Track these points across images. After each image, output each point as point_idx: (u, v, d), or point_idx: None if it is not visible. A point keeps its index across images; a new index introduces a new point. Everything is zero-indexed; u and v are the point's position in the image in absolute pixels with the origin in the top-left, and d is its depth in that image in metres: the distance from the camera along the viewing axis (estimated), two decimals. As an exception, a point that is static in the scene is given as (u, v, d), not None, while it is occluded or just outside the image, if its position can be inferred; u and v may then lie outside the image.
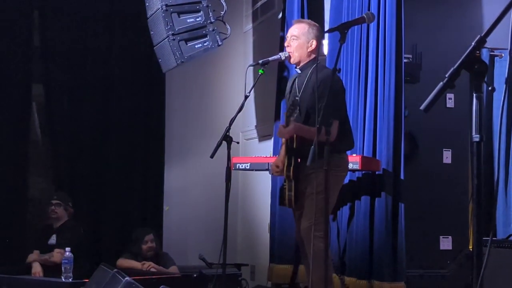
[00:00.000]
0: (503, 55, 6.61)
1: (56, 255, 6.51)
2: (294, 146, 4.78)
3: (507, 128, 6.48)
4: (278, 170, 4.94)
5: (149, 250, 6.68)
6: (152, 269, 6.50)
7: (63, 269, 5.91)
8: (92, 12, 7.77)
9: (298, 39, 4.87)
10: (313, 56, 4.85)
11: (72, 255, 5.91)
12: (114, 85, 7.89)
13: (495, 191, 6.25)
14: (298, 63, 4.94)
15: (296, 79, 4.95)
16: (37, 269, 6.54)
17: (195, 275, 6.30)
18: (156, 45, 6.52)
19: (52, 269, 6.45)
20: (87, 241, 6.92)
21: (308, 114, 4.76)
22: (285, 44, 5.00)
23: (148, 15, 6.59)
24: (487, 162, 6.35)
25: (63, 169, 7.72)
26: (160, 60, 6.54)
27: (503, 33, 2.65)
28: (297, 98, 4.81)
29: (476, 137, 2.32)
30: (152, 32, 6.56)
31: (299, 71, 4.92)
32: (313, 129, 4.40)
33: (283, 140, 4.97)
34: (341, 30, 4.23)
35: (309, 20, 5.11)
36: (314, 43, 4.84)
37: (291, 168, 4.78)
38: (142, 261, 6.60)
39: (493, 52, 6.58)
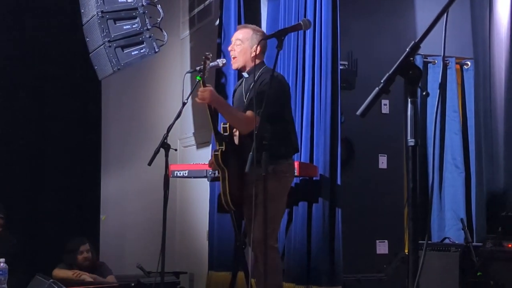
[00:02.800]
0: (436, 61, 6.77)
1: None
2: (227, 133, 4.75)
3: (441, 132, 6.63)
4: (212, 162, 4.87)
5: (84, 261, 6.55)
6: (88, 278, 6.38)
7: (-4, 281, 5.78)
8: (25, 19, 7.60)
9: (242, 44, 4.83)
10: (257, 61, 4.78)
11: (7, 266, 5.77)
12: (49, 93, 7.74)
13: (429, 195, 6.37)
14: (243, 68, 4.89)
15: (243, 83, 4.93)
16: (-31, 281, 6.37)
17: (133, 284, 6.24)
18: (92, 52, 6.44)
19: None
20: (21, 251, 6.76)
21: None
22: (229, 48, 4.95)
23: (83, 22, 6.50)
24: (422, 166, 6.47)
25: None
26: (96, 67, 6.46)
27: (436, 40, 2.70)
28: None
29: (411, 142, 2.35)
30: (87, 39, 6.47)
31: (247, 75, 4.88)
32: (238, 114, 4.60)
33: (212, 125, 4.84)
34: (278, 36, 4.24)
35: (254, 26, 5.09)
36: (258, 48, 4.80)
37: (219, 154, 4.67)
38: (74, 271, 6.45)
39: (427, 58, 6.74)
